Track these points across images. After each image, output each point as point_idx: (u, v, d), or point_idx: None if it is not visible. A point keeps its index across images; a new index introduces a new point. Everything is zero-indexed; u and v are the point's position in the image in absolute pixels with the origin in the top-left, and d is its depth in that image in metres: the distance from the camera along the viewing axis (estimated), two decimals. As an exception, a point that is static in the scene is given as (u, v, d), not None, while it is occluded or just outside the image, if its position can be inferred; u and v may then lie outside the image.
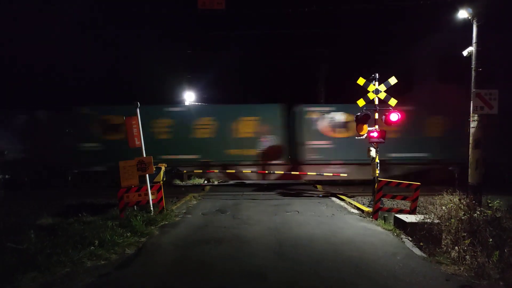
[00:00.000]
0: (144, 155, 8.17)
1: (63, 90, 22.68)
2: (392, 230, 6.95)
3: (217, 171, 15.06)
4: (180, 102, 22.88)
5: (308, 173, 14.28)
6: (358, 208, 9.79)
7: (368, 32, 22.82)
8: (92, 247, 5.34)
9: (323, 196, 13.07)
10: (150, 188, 8.10)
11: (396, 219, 7.19)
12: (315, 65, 23.76)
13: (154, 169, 8.85)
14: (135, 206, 7.99)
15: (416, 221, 6.34)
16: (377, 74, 9.74)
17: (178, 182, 19.88)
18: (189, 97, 22.15)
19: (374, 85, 9.69)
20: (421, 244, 5.82)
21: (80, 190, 14.38)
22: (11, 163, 15.11)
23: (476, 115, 7.45)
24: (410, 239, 6.26)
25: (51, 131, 15.11)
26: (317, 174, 14.09)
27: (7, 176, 14.88)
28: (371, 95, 9.67)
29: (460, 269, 4.70)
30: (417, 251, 5.62)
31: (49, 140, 14.95)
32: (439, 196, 6.54)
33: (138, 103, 8.26)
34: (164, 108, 14.89)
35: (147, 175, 8.08)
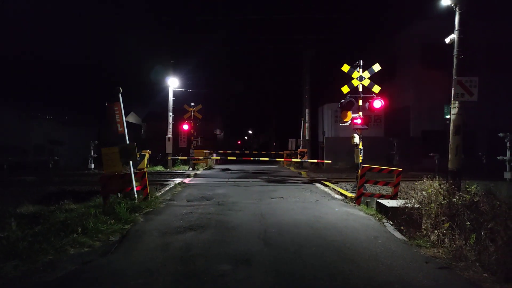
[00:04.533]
0: (128, 142, 8.05)
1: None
2: (374, 214, 7.10)
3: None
4: (163, 88, 22.55)
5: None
6: (341, 194, 9.94)
7: (354, 20, 22.89)
8: (75, 235, 5.26)
9: (308, 182, 13.22)
10: (134, 175, 8.02)
11: (378, 204, 7.34)
12: (299, 51, 23.68)
13: (138, 156, 8.75)
14: (118, 194, 7.90)
15: (397, 206, 6.48)
16: (361, 61, 9.79)
17: (162, 169, 19.78)
18: (173, 83, 21.80)
19: (358, 72, 9.74)
20: (402, 228, 5.97)
21: (62, 177, 14.15)
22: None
23: (456, 102, 7.57)
24: (391, 223, 6.40)
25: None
26: None
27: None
28: (355, 82, 9.74)
29: (439, 251, 4.84)
30: (398, 234, 5.76)
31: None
32: (420, 181, 6.69)
33: (120, 88, 8.09)
34: None
35: (131, 162, 7.98)
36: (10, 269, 4.10)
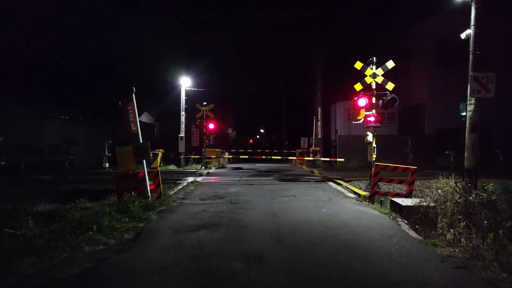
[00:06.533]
0: (141, 141, 8.12)
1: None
2: (388, 213, 7.01)
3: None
4: (176, 88, 22.70)
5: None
6: (354, 193, 9.85)
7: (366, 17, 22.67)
8: (90, 233, 5.35)
9: (320, 181, 13.15)
10: (148, 174, 8.09)
11: (393, 202, 7.24)
12: (311, 49, 23.53)
13: (151, 155, 8.83)
14: (132, 192, 7.99)
15: (412, 205, 6.38)
16: (374, 58, 9.68)
17: (175, 168, 19.93)
18: (185, 82, 21.92)
19: (371, 69, 9.63)
20: (417, 227, 5.88)
21: (77, 176, 14.38)
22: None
23: (473, 98, 7.42)
24: (406, 222, 6.31)
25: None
26: None
27: (3, 163, 14.89)
28: (368, 79, 9.63)
29: (455, 251, 4.75)
30: (413, 233, 5.67)
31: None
32: (435, 179, 6.58)
33: (134, 88, 8.17)
34: None
35: (144, 161, 8.06)
36: (27, 266, 4.19)
